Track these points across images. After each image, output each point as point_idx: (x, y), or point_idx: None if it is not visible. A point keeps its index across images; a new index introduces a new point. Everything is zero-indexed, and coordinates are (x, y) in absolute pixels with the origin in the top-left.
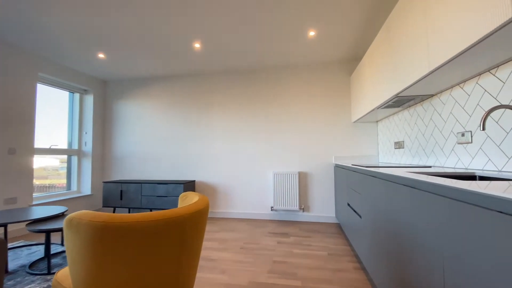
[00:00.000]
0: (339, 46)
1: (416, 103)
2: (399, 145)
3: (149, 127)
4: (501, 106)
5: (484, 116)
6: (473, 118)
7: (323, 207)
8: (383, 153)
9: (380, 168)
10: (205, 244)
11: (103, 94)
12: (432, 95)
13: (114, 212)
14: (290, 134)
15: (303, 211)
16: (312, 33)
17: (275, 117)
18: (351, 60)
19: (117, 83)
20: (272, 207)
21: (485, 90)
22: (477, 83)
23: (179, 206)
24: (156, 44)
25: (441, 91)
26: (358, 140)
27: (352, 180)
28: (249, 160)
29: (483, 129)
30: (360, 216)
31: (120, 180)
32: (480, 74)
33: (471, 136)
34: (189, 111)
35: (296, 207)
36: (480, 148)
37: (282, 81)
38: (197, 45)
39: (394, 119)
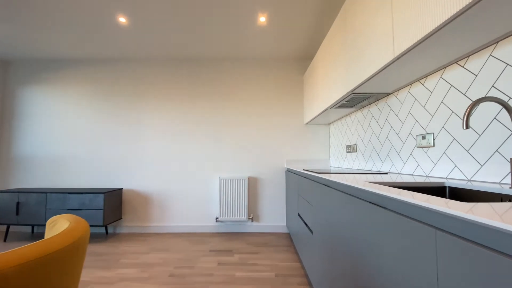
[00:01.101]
0: (292, 41)
1: (370, 103)
2: (351, 148)
3: (63, 122)
4: (488, 99)
5: (468, 111)
6: (436, 118)
7: (274, 216)
8: (334, 157)
9: (333, 175)
10: (122, 273)
11: (2, 78)
12: (388, 94)
13: (7, 232)
14: (239, 134)
15: (252, 221)
16: (262, 19)
17: (222, 115)
18: (304, 59)
19: (23, 65)
20: (217, 218)
21: (451, 85)
22: (441, 77)
23: (46, 237)
24: (68, 11)
25: (399, 89)
26: (310, 143)
27: (303, 187)
28: (191, 164)
29: (467, 127)
30: (312, 231)
31: (18, 189)
32: (445, 67)
33: (433, 139)
34: (118, 104)
35: (244, 216)
36: (444, 152)
37: (231, 75)
38: (122, 19)
39: (346, 121)
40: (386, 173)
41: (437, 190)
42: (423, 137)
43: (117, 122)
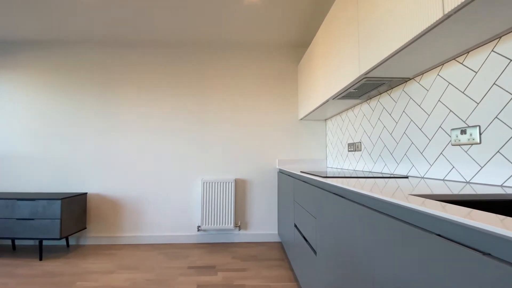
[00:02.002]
0: (285, 26)
1: (380, 93)
2: (354, 147)
3: (12, 114)
4: None
5: None
6: (484, 106)
7: (264, 223)
8: (332, 157)
9: (344, 180)
10: None
11: None
12: (406, 80)
13: None
14: (225, 131)
15: (240, 230)
16: None
17: (206, 109)
18: (299, 47)
19: None
20: (199, 226)
21: (511, 60)
22: (493, 50)
23: None
24: None
25: (424, 72)
26: (305, 141)
27: (301, 193)
28: (170, 164)
29: None
30: (315, 252)
31: None
32: (500, 36)
33: (480, 134)
34: (82, 95)
35: (230, 224)
36: (499, 151)
37: (218, 63)
38: None
39: (348, 116)
40: (406, 177)
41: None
42: (463, 132)
43: (81, 115)
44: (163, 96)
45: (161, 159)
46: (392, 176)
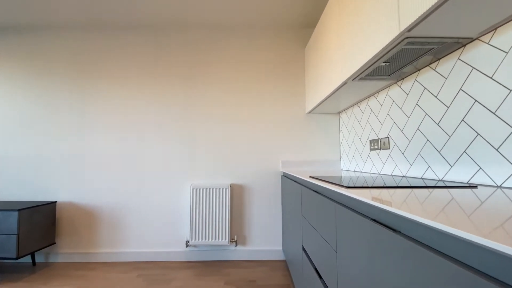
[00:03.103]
0: (290, 2)
1: (418, 69)
2: (379, 144)
3: None
4: None
5: None
6: None
7: (266, 237)
8: (348, 157)
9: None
10: None
11: None
12: (467, 41)
13: None
14: (219, 127)
15: (236, 245)
16: None
17: (197, 102)
18: (306, 27)
19: None
20: (187, 241)
21: None
22: None
23: None
24: None
25: (499, 25)
26: (314, 138)
27: (313, 207)
28: (154, 167)
29: None
30: None
31: None
32: None
33: None
34: (53, 86)
35: (225, 239)
36: None
37: (209, 49)
38: None
39: (370, 105)
40: (474, 186)
41: None
42: None
43: (52, 110)
44: (148, 88)
45: (144, 161)
46: (453, 185)
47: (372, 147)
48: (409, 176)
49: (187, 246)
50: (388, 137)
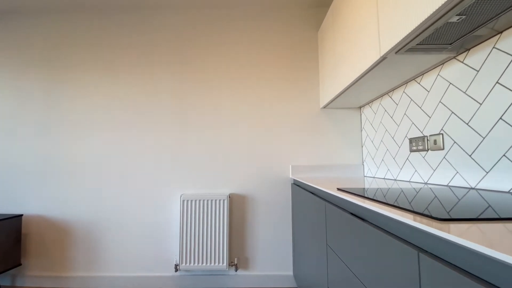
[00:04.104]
0: None
1: (498, 31)
2: (425, 143)
3: None
4: None
5: None
6: None
7: (273, 259)
8: (375, 160)
9: None
10: None
11: None
12: None
13: None
14: (215, 127)
15: (237, 270)
16: None
17: (191, 96)
18: (318, 6)
19: None
20: (177, 265)
21: None
22: None
23: None
24: None
25: None
26: (330, 138)
27: (353, 241)
28: (137, 174)
29: None
30: None
31: None
32: None
33: None
34: (22, 79)
35: (223, 263)
36: None
37: (206, 33)
38: None
39: (408, 93)
40: None
41: None
42: None
43: (15, 105)
44: (130, 81)
45: (127, 166)
46: None
47: (413, 148)
48: (486, 188)
49: (176, 270)
50: (442, 134)
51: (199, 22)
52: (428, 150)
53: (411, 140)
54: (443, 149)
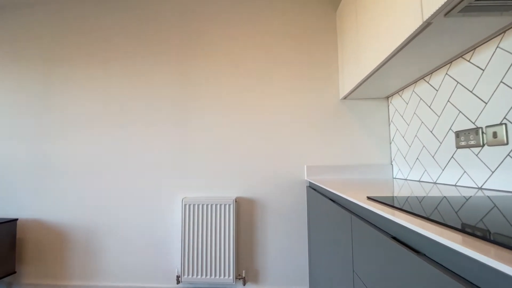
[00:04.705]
0: None
1: None
2: (479, 137)
3: None
4: None
5: None
6: None
7: (286, 272)
8: (407, 159)
9: None
10: None
11: None
12: None
13: None
14: (220, 122)
15: (245, 284)
16: None
17: (193, 90)
18: None
19: None
20: (178, 276)
21: None
22: None
23: None
24: None
25: None
26: (351, 134)
27: (390, 268)
28: (136, 174)
29: None
30: None
31: None
32: None
33: None
34: (17, 72)
35: (229, 275)
36: None
37: (211, 15)
38: None
39: (455, 74)
40: None
41: None
42: None
43: (9, 102)
44: (128, 72)
45: (125, 167)
46: None
47: (461, 143)
48: None
49: (178, 282)
50: (505, 123)
51: (198, 11)
52: (483, 145)
53: (458, 134)
54: (507, 143)
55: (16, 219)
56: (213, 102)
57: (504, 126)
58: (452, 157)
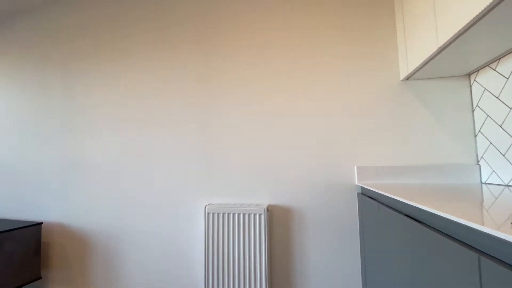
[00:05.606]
0: None
1: None
2: None
3: None
4: None
5: None
6: None
7: (333, 285)
8: (507, 157)
9: None
10: None
11: None
12: None
13: None
14: (249, 118)
15: None
16: None
17: (216, 81)
18: None
19: None
20: None
21: None
22: None
23: None
24: None
25: None
26: (417, 125)
27: None
28: (157, 180)
29: None
30: None
31: None
32: None
33: None
34: (41, 75)
35: None
36: None
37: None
38: None
39: None
40: None
41: None
42: None
43: (36, 105)
44: (150, 73)
45: (147, 169)
46: None
47: None
48: None
49: None
50: None
51: None
52: None
53: None
54: None
55: (41, 223)
56: (239, 93)
57: None
58: None
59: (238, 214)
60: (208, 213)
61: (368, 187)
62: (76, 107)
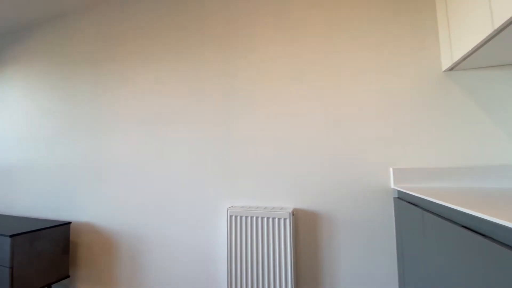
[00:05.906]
0: None
1: None
2: None
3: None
4: None
5: None
6: None
7: None
8: None
9: None
10: None
11: None
12: None
13: None
14: (272, 117)
15: None
16: None
17: (241, 75)
18: None
19: None
20: None
21: None
22: None
23: None
24: None
25: None
26: (463, 121)
27: None
28: (178, 182)
29: None
30: None
31: None
32: None
33: None
34: (72, 77)
35: None
36: None
37: None
38: None
39: None
40: None
41: None
42: None
43: (67, 105)
44: (173, 71)
45: (168, 171)
46: None
47: None
48: None
49: None
50: None
51: None
52: None
53: None
54: None
55: (70, 222)
56: (263, 90)
57: None
58: None
59: (262, 218)
60: (231, 216)
61: (408, 191)
62: (104, 111)
